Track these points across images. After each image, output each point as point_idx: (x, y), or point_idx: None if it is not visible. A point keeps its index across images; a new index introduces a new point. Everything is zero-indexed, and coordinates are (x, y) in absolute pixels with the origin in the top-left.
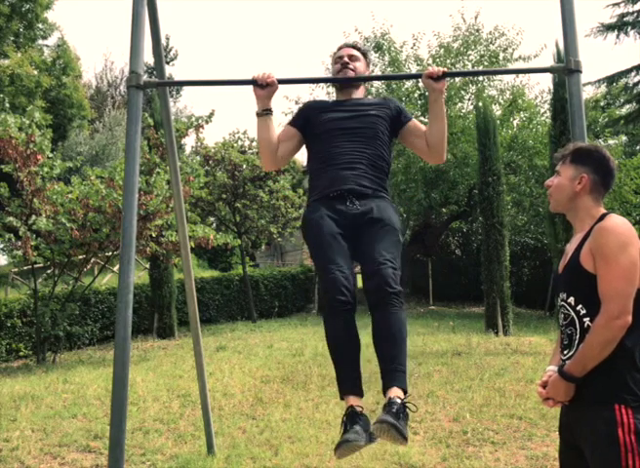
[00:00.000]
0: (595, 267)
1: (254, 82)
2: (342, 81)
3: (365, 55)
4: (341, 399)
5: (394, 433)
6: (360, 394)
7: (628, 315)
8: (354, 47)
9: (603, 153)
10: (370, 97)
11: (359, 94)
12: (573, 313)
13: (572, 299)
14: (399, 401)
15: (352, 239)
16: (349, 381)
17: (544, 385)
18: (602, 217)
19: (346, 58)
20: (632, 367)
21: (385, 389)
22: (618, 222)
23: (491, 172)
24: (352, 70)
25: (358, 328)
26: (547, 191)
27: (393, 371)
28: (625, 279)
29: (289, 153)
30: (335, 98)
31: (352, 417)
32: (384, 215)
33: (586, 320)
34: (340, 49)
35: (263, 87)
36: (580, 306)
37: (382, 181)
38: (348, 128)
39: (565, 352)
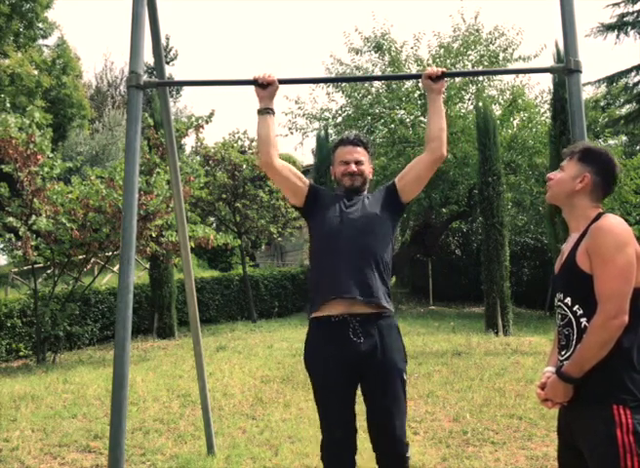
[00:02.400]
0: (591, 267)
1: (254, 82)
2: (343, 81)
3: (367, 147)
4: None
5: None
6: None
7: (625, 315)
8: (357, 144)
9: (610, 158)
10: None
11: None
12: (570, 313)
13: (568, 300)
14: None
15: (355, 377)
16: None
17: (543, 387)
18: (598, 217)
19: (353, 167)
20: (630, 366)
21: None
22: (614, 222)
23: (491, 172)
24: (360, 175)
25: None
26: (548, 183)
27: None
28: (622, 278)
29: (287, 175)
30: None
31: None
32: (389, 357)
33: (583, 320)
34: (342, 144)
35: (264, 87)
36: (576, 306)
37: (386, 285)
38: (353, 220)
39: (563, 353)
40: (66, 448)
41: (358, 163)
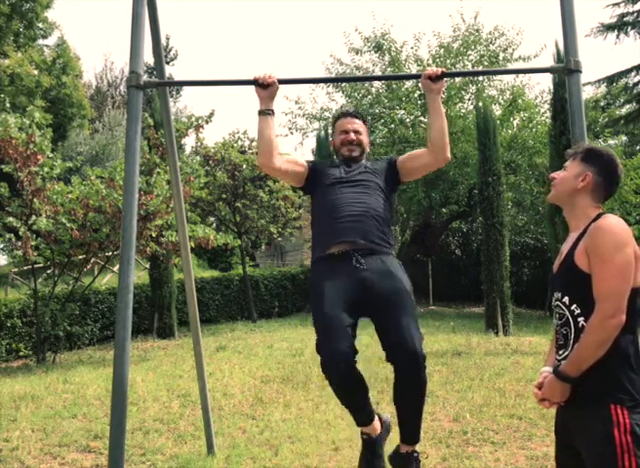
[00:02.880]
0: (590, 266)
1: (255, 82)
2: (343, 81)
3: (365, 121)
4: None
5: None
6: (373, 420)
7: (622, 314)
8: (355, 116)
9: (613, 159)
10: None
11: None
12: (567, 313)
13: (566, 299)
14: (415, 455)
15: (361, 307)
16: (363, 417)
17: (540, 386)
18: (598, 217)
19: (352, 136)
20: (627, 366)
21: (403, 441)
22: (613, 222)
23: (491, 172)
24: (358, 145)
25: (359, 327)
26: (552, 182)
27: (413, 430)
28: (620, 278)
29: (286, 169)
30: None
31: (369, 447)
32: (393, 277)
33: (581, 319)
34: (342, 117)
35: (265, 87)
36: (574, 306)
37: (386, 235)
38: (351, 180)
39: (560, 352)
40: (66, 448)
41: (357, 132)
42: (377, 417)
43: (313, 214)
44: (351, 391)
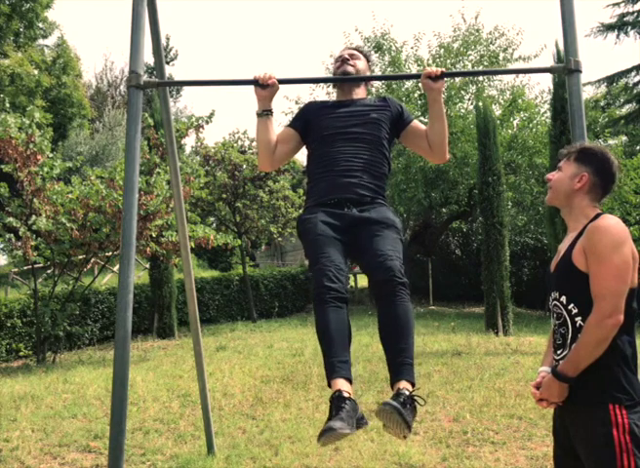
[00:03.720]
0: (587, 266)
1: (255, 82)
2: (343, 80)
3: (367, 56)
4: (329, 386)
5: (397, 418)
6: (349, 379)
7: (620, 314)
8: (356, 49)
9: (608, 157)
10: (370, 97)
11: (360, 93)
12: (565, 312)
13: (564, 298)
14: (407, 392)
15: (350, 242)
16: (338, 365)
17: (538, 386)
18: (596, 217)
19: (347, 55)
20: (625, 366)
21: (394, 382)
22: (611, 223)
23: (491, 171)
24: (352, 66)
25: (358, 327)
26: (548, 184)
27: (402, 365)
28: (618, 278)
29: (286, 155)
30: (335, 98)
31: (338, 402)
32: (383, 216)
33: (578, 319)
34: (342, 50)
35: (265, 87)
36: (571, 305)
37: (381, 189)
38: (348, 132)
39: (558, 352)
40: (66, 448)
41: (352, 56)
42: (350, 393)
43: (309, 169)
44: (337, 314)
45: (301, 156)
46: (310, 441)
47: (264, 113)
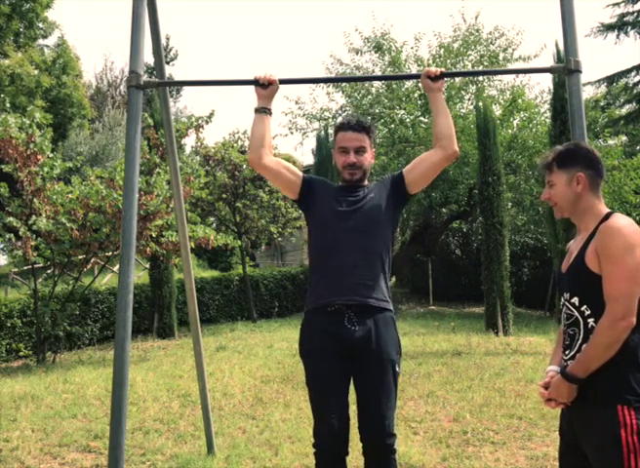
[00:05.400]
0: (600, 267)
1: (255, 82)
2: (343, 81)
3: (369, 132)
4: None
5: None
6: None
7: (632, 316)
8: (358, 129)
9: (583, 146)
10: (370, 183)
11: (363, 180)
12: (577, 313)
13: (576, 299)
14: None
15: (350, 367)
16: None
17: (546, 386)
18: (607, 217)
19: (352, 158)
20: (635, 367)
21: None
22: (624, 223)
23: (491, 171)
24: (359, 169)
25: None
26: (550, 203)
27: None
28: (631, 280)
29: (278, 171)
30: (340, 181)
31: None
32: (383, 348)
33: (591, 320)
34: (343, 129)
35: (265, 87)
36: (584, 307)
37: (384, 283)
38: (351, 217)
39: (566, 352)
40: (66, 448)
41: (358, 151)
42: None
43: (310, 250)
44: None
45: (301, 157)
46: (310, 441)
47: (263, 110)
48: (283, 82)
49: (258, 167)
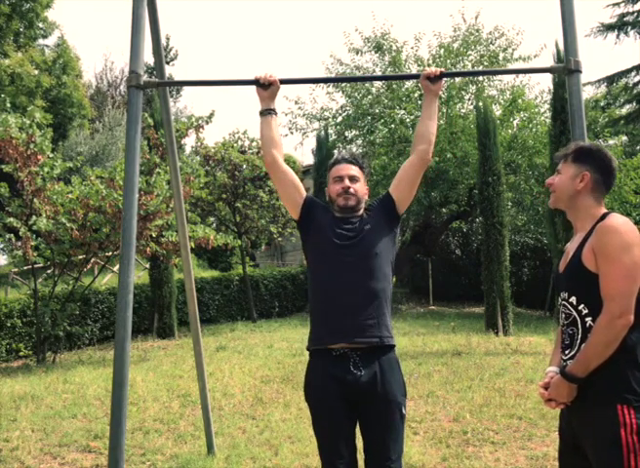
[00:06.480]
0: (597, 266)
1: (256, 82)
2: (343, 81)
3: (362, 168)
4: None
5: None
6: None
7: (630, 314)
8: (351, 162)
9: (605, 153)
10: (364, 214)
11: (358, 210)
12: (575, 313)
13: (573, 299)
14: None
15: (356, 414)
16: None
17: (546, 386)
18: (604, 217)
19: (347, 182)
20: (634, 366)
21: None
22: (621, 222)
23: (491, 171)
24: (353, 195)
25: None
26: (550, 188)
27: None
28: (628, 279)
29: (291, 179)
30: (335, 207)
31: None
32: (388, 390)
33: (588, 319)
34: (337, 163)
35: (266, 87)
36: (582, 306)
37: (385, 318)
38: (349, 263)
39: (566, 352)
40: (66, 448)
41: (352, 179)
42: None
43: (310, 281)
44: None
45: (301, 157)
46: (310, 441)
47: (267, 112)
48: (283, 82)
49: (272, 168)
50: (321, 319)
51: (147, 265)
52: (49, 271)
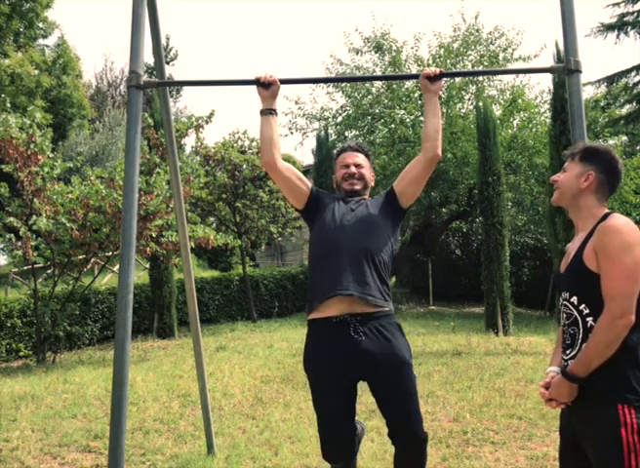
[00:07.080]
0: (598, 266)
1: (256, 82)
2: (343, 81)
3: (368, 155)
4: None
5: None
6: None
7: (631, 315)
8: (357, 150)
9: (612, 155)
10: (372, 198)
11: (364, 194)
12: (576, 312)
13: (575, 299)
14: None
15: (360, 378)
16: None
17: (547, 386)
18: (605, 217)
19: (353, 169)
20: (635, 366)
21: None
22: (622, 222)
23: (491, 171)
24: (360, 180)
25: None
26: (554, 185)
27: None
28: (630, 279)
29: (289, 176)
30: (341, 192)
31: None
32: (393, 352)
33: (590, 319)
34: (343, 151)
35: (267, 87)
36: (583, 306)
37: (385, 284)
38: (352, 219)
39: (567, 352)
40: (66, 448)
41: (358, 167)
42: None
43: (311, 253)
44: None
45: (301, 157)
46: (310, 441)
47: (267, 111)
48: (283, 82)
49: (270, 168)
50: (321, 274)
51: (147, 265)
52: (49, 271)
